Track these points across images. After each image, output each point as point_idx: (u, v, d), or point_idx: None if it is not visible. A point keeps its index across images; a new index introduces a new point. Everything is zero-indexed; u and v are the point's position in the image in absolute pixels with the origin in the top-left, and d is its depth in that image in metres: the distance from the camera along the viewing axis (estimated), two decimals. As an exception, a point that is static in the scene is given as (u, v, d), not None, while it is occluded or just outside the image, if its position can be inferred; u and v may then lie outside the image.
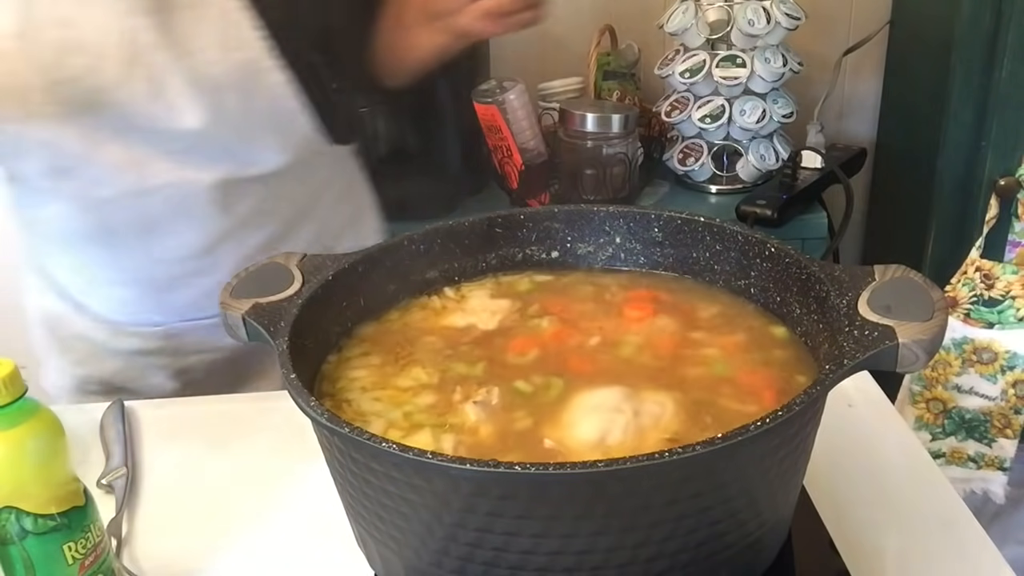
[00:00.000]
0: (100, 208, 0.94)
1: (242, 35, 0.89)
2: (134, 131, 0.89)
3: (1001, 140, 1.54)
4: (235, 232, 0.98)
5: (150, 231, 0.96)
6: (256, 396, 1.03)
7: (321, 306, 0.69)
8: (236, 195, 0.97)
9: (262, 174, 0.97)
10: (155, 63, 0.86)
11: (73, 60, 0.84)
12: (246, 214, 0.98)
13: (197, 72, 0.88)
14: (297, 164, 0.99)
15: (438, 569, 0.57)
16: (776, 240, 0.72)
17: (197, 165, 0.93)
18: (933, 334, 0.56)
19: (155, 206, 0.94)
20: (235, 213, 0.98)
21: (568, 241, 0.83)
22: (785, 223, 1.63)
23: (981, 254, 1.54)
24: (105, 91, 0.86)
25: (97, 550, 0.67)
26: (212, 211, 0.96)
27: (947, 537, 0.73)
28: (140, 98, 0.87)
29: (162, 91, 0.87)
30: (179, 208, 0.95)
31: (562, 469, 0.49)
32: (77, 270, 1.04)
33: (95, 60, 0.85)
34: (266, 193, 0.99)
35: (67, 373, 1.10)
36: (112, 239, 0.97)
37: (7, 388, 0.62)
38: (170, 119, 0.89)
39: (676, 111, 1.78)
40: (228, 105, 0.90)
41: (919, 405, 1.59)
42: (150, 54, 0.86)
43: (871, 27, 1.89)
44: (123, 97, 0.87)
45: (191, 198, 0.95)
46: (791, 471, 0.61)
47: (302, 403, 0.56)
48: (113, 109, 0.87)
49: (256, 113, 0.92)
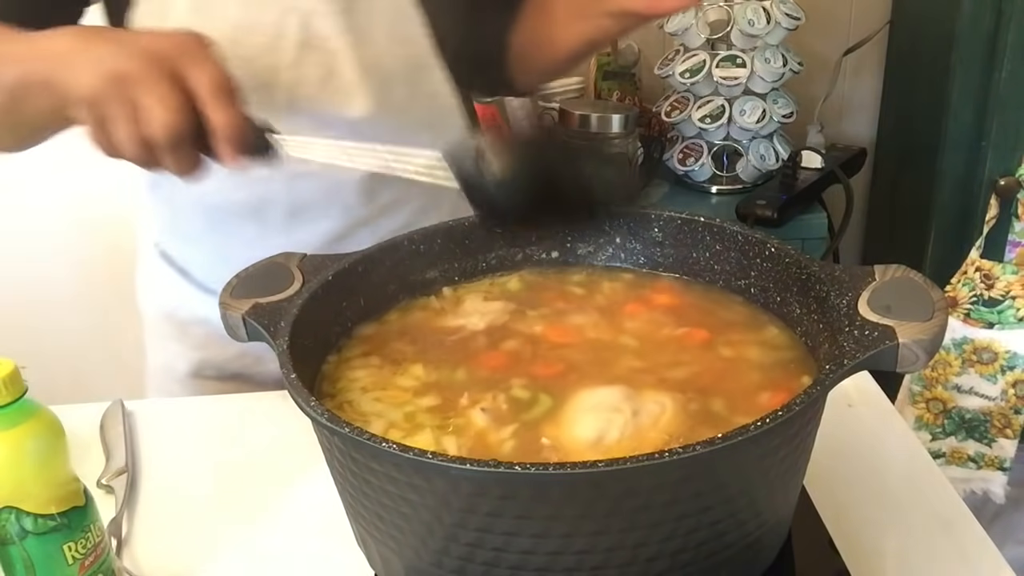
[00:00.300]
0: (253, 186, 0.94)
1: (411, 30, 0.91)
2: (299, 114, 0.90)
3: (1001, 140, 1.54)
4: (372, 219, 0.98)
5: (297, 214, 0.96)
6: (256, 396, 1.03)
7: (321, 306, 0.69)
8: (381, 185, 0.97)
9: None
10: (329, 49, 0.87)
11: (250, 39, 0.85)
12: (385, 203, 0.98)
13: (368, 62, 0.89)
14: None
15: (438, 569, 0.57)
16: (776, 240, 0.72)
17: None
18: (933, 334, 0.56)
19: (307, 190, 0.94)
20: (377, 202, 0.98)
21: (568, 241, 0.83)
22: (785, 223, 1.63)
23: (981, 254, 1.54)
24: (278, 72, 0.87)
25: (97, 550, 0.67)
26: (358, 199, 0.96)
27: (947, 537, 0.73)
28: (311, 82, 0.88)
29: (333, 77, 0.88)
30: (329, 193, 0.95)
31: (562, 469, 0.49)
32: (214, 250, 1.02)
33: (271, 40, 0.86)
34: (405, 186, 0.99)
35: (184, 357, 1.09)
36: (260, 218, 0.96)
37: (7, 388, 0.62)
38: (337, 105, 0.89)
39: (676, 111, 1.78)
40: (394, 98, 0.91)
41: (919, 405, 1.58)
42: (324, 39, 0.87)
43: (871, 27, 1.89)
44: (294, 79, 0.87)
45: (341, 185, 0.95)
46: (791, 471, 0.61)
47: (302, 403, 0.56)
48: (283, 91, 0.88)
49: (417, 108, 0.93)
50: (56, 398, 0.78)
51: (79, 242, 1.96)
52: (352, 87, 0.89)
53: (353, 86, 0.89)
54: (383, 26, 0.89)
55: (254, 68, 0.86)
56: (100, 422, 0.93)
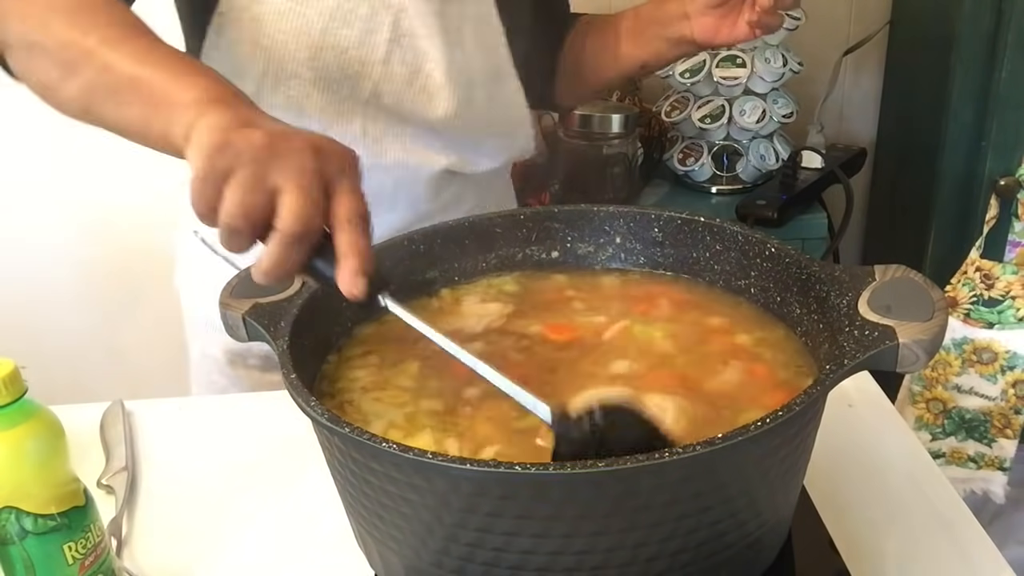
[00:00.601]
0: None
1: (493, 39, 0.92)
2: (380, 109, 0.90)
3: (1001, 140, 1.54)
4: (434, 215, 0.98)
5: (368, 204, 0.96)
6: (256, 396, 1.03)
7: (321, 306, 0.69)
8: (447, 184, 0.98)
9: (476, 172, 0.99)
10: (418, 48, 0.88)
11: (343, 30, 0.86)
12: (447, 201, 0.99)
13: (456, 64, 0.89)
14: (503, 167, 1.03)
15: (438, 569, 0.57)
16: (776, 240, 0.72)
17: (428, 152, 0.94)
18: (933, 334, 0.56)
19: (379, 182, 0.93)
20: (440, 200, 0.98)
21: (568, 241, 0.83)
22: (785, 223, 1.63)
23: (981, 254, 1.54)
24: (367, 65, 0.87)
25: (97, 550, 0.67)
26: (425, 196, 0.97)
27: (947, 537, 0.73)
28: (398, 79, 0.89)
29: (419, 76, 0.89)
30: (399, 188, 0.95)
31: (562, 469, 0.49)
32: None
33: (364, 34, 0.86)
34: (466, 186, 1.00)
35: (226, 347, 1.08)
36: None
37: (7, 388, 0.62)
38: (421, 104, 0.90)
39: (676, 111, 1.78)
40: (474, 103, 0.92)
41: (919, 405, 1.58)
42: (415, 38, 0.87)
43: (871, 27, 1.89)
44: (382, 75, 0.88)
45: (413, 182, 0.95)
46: (791, 471, 0.61)
47: (302, 403, 0.56)
48: (369, 84, 0.88)
49: (493, 116, 0.95)
50: (56, 398, 0.78)
51: (79, 242, 1.96)
52: (437, 88, 0.90)
53: (438, 87, 0.89)
54: (471, 31, 0.91)
55: (344, 59, 0.87)
56: (100, 422, 0.93)
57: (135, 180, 1.87)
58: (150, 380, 2.04)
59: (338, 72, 0.87)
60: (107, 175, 1.89)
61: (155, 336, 2.01)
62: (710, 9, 0.95)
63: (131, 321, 2.01)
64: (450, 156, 0.95)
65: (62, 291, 2.00)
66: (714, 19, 0.95)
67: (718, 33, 0.96)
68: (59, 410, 0.67)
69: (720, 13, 0.95)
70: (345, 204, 0.57)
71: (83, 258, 1.96)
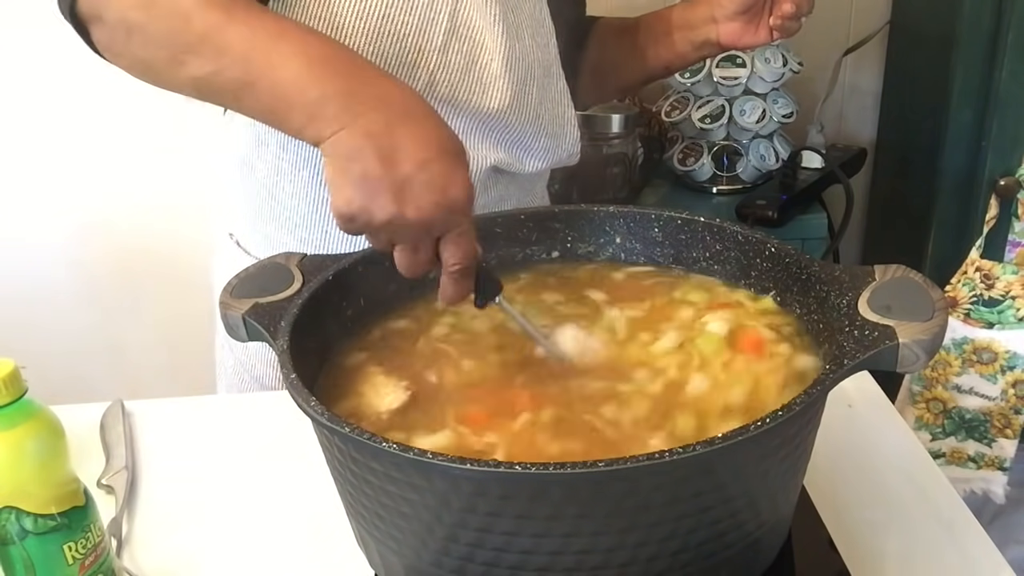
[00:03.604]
0: None
1: (545, 36, 0.93)
2: (434, 99, 0.90)
3: (1001, 140, 1.54)
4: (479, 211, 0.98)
5: None
6: (256, 396, 1.03)
7: (321, 306, 0.69)
8: (493, 183, 0.98)
9: (520, 173, 0.99)
10: (475, 39, 0.88)
11: (402, 16, 0.85)
12: (487, 203, 0.99)
13: (513, 57, 0.89)
14: (544, 172, 1.03)
15: (438, 569, 0.57)
16: (776, 240, 0.72)
17: (480, 146, 0.93)
18: (933, 334, 0.56)
19: None
20: (489, 195, 0.98)
21: (568, 241, 0.83)
22: (785, 223, 1.63)
23: (981, 254, 1.54)
24: (424, 54, 0.87)
25: (97, 550, 0.67)
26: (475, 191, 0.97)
27: (947, 537, 0.73)
28: (455, 68, 0.88)
29: (475, 66, 0.89)
30: None
31: (562, 469, 0.49)
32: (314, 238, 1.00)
33: (422, 22, 0.86)
34: (510, 187, 1.01)
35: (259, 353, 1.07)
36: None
37: (7, 388, 0.62)
38: (477, 95, 0.90)
39: (676, 111, 1.77)
40: (528, 98, 0.92)
41: (919, 405, 1.58)
42: (473, 29, 0.87)
43: (871, 27, 1.88)
44: (439, 64, 0.88)
45: None
46: (791, 471, 0.61)
47: (302, 403, 0.56)
48: (426, 73, 0.88)
49: (543, 113, 0.94)
50: (56, 398, 0.78)
51: (79, 242, 1.96)
52: (493, 79, 0.89)
53: (495, 78, 0.89)
54: (528, 26, 0.91)
55: (402, 47, 0.86)
56: (100, 422, 0.93)
57: (135, 180, 1.87)
58: (150, 380, 2.05)
59: (395, 59, 0.87)
60: (107, 175, 1.89)
61: (155, 336, 2.01)
62: (737, 15, 0.99)
63: (131, 321, 2.01)
64: (499, 153, 0.94)
65: (62, 291, 2.00)
66: (740, 24, 1.00)
67: (742, 37, 1.00)
68: (59, 410, 0.67)
69: (746, 18, 0.99)
70: (449, 254, 0.64)
71: (83, 258, 1.96)
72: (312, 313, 0.68)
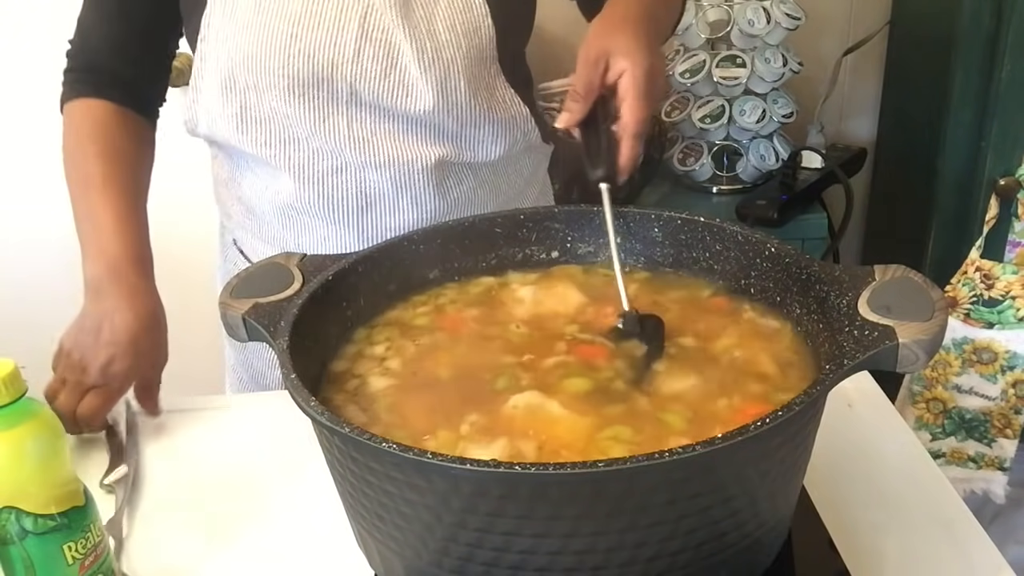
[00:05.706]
0: (324, 181, 0.94)
1: (475, 21, 0.91)
2: (362, 108, 0.90)
3: (1001, 140, 1.54)
4: (442, 215, 0.98)
5: (371, 207, 0.96)
6: (256, 396, 1.03)
7: (321, 306, 0.69)
8: (452, 179, 0.97)
9: (476, 162, 0.98)
10: (389, 41, 0.88)
11: (311, 34, 0.86)
12: (459, 199, 0.99)
13: (430, 54, 0.89)
14: (509, 157, 1.01)
15: (438, 569, 0.57)
16: (776, 240, 0.72)
17: (418, 145, 0.93)
18: (933, 334, 0.56)
19: (377, 182, 0.94)
20: (450, 197, 0.98)
21: (568, 241, 0.83)
22: (785, 223, 1.63)
23: (981, 254, 1.54)
24: (338, 67, 0.87)
25: (97, 550, 0.67)
26: (429, 192, 0.96)
27: (947, 537, 0.73)
28: (373, 75, 0.88)
29: (394, 70, 0.89)
30: (399, 186, 0.95)
31: (562, 469, 0.49)
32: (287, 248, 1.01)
33: (332, 35, 0.86)
34: (477, 182, 1.00)
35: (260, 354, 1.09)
36: (333, 214, 0.97)
37: (7, 388, 0.62)
38: (401, 98, 0.90)
39: (676, 111, 1.78)
40: (456, 90, 0.91)
41: (919, 405, 1.58)
42: (385, 31, 0.87)
43: (871, 27, 1.89)
44: (356, 73, 0.88)
45: (411, 177, 0.95)
46: (791, 471, 0.61)
47: (302, 403, 0.56)
48: (345, 84, 0.88)
49: (479, 102, 0.94)
50: (56, 398, 0.78)
51: (79, 242, 1.95)
52: (414, 80, 0.89)
53: (415, 79, 0.89)
54: (445, 18, 0.90)
55: (315, 63, 0.87)
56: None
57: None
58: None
59: (310, 76, 0.87)
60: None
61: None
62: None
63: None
64: (444, 146, 0.94)
65: (62, 291, 1.99)
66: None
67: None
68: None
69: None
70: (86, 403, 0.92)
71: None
72: (312, 313, 0.68)
